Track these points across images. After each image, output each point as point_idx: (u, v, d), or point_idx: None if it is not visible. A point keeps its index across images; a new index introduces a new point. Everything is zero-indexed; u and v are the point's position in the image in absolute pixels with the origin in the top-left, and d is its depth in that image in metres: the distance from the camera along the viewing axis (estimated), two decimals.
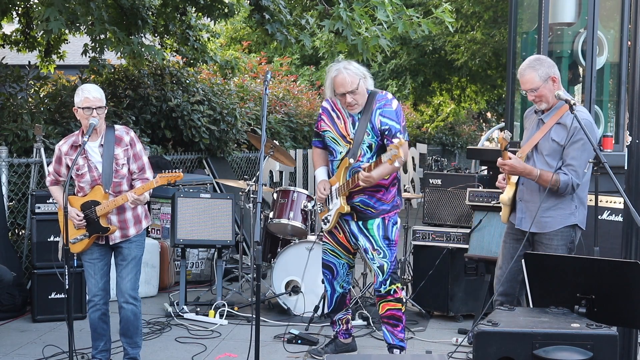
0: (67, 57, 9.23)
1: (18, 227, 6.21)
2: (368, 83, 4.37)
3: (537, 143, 4.05)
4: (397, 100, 4.42)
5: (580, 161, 3.91)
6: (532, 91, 4.01)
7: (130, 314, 4.22)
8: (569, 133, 3.91)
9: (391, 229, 4.43)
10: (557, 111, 4.02)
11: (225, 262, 6.52)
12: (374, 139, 4.34)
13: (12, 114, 6.49)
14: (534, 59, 4.09)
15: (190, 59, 8.63)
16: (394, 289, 4.43)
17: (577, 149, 3.91)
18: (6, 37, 8.72)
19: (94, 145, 4.16)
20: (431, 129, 19.83)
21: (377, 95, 4.38)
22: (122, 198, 4.08)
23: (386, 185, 4.41)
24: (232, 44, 18.60)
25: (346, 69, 4.30)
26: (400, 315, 4.46)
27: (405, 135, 4.34)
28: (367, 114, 4.35)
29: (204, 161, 8.55)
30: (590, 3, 5.36)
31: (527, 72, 4.01)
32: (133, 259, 4.23)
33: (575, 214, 4.02)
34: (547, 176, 3.92)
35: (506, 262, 4.22)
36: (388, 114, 4.31)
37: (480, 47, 15.04)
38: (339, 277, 4.65)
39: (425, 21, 7.17)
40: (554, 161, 3.98)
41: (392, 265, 4.42)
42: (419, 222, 5.89)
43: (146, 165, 4.26)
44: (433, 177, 5.85)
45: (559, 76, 4.03)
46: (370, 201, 4.40)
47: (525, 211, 4.11)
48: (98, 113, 4.07)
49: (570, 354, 2.85)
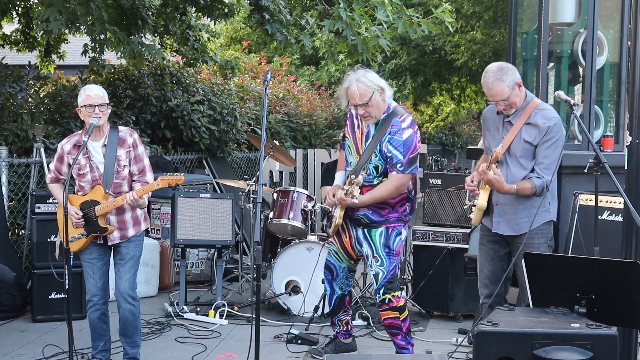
0: (67, 57, 9.23)
1: (18, 227, 6.21)
2: (386, 95, 4.26)
3: (509, 146, 4.05)
4: (412, 129, 4.23)
5: (552, 159, 3.96)
6: (502, 101, 4.02)
7: (129, 314, 4.22)
8: (540, 132, 3.96)
9: (394, 239, 4.34)
10: (523, 111, 4.05)
11: (225, 262, 6.52)
12: (380, 161, 4.26)
13: (12, 114, 6.49)
14: (497, 69, 4.03)
15: (190, 59, 8.63)
16: (389, 298, 4.33)
17: (548, 147, 3.97)
18: (6, 37, 8.72)
19: (97, 145, 4.17)
20: (431, 129, 19.83)
21: (393, 120, 4.23)
22: (121, 199, 4.08)
23: (392, 204, 4.32)
24: (232, 44, 18.60)
25: (358, 81, 4.20)
26: (398, 324, 4.37)
27: (409, 169, 4.22)
28: (379, 134, 4.25)
29: (204, 161, 8.55)
30: (590, 3, 5.35)
31: (496, 85, 3.99)
32: (131, 259, 4.22)
33: (550, 209, 4.09)
34: (524, 188, 3.96)
35: (487, 265, 4.23)
36: (396, 142, 4.19)
37: (480, 47, 15.04)
38: (338, 279, 4.63)
39: (425, 21, 7.16)
40: (527, 162, 4.02)
41: (388, 275, 4.32)
42: (419, 222, 5.89)
43: (147, 167, 4.25)
44: (433, 177, 5.85)
45: (520, 80, 4.05)
46: (374, 217, 4.33)
47: (502, 214, 4.12)
48: (100, 110, 4.07)
49: (570, 354, 2.84)
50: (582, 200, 4.69)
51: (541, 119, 3.99)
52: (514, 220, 4.07)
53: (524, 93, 4.10)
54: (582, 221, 4.65)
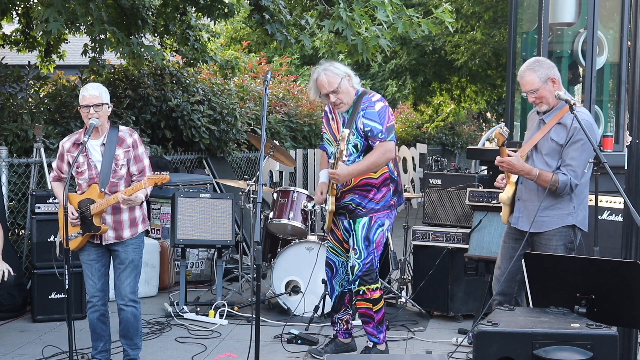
0: (67, 57, 9.23)
1: (18, 227, 6.21)
2: (354, 82, 4.47)
3: (537, 143, 4.05)
4: (382, 102, 4.46)
5: (579, 161, 3.90)
6: (532, 92, 4.01)
7: (130, 315, 4.22)
8: (568, 133, 3.91)
9: (374, 231, 4.47)
10: (557, 112, 4.02)
11: (225, 262, 6.52)
12: (359, 139, 4.42)
13: (12, 114, 6.49)
14: (533, 60, 4.10)
15: (190, 59, 8.63)
16: (364, 290, 4.48)
17: (576, 149, 3.91)
18: (6, 37, 8.72)
19: (95, 144, 4.16)
20: (431, 129, 19.81)
21: (363, 97, 4.46)
22: (114, 197, 4.06)
23: (376, 185, 4.46)
24: (232, 44, 18.59)
25: (325, 70, 4.44)
26: (371, 314, 4.52)
27: (389, 136, 4.39)
28: (353, 115, 4.44)
29: (204, 161, 8.55)
30: (590, 3, 5.36)
31: (527, 74, 4.01)
32: (131, 263, 4.20)
33: (573, 214, 4.01)
34: (546, 176, 3.92)
35: (505, 262, 4.22)
36: (370, 115, 4.39)
37: (480, 47, 15.03)
38: (338, 275, 4.70)
39: (425, 21, 7.17)
40: (553, 161, 3.98)
41: (363, 268, 4.46)
42: (419, 222, 5.89)
43: (147, 168, 4.23)
44: (433, 177, 5.85)
45: (559, 77, 4.03)
46: (362, 201, 4.47)
47: (523, 210, 4.11)
48: (96, 110, 4.06)
49: (570, 354, 2.85)
50: None
51: (571, 120, 3.90)
52: (534, 217, 4.04)
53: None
54: None
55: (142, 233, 4.31)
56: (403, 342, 5.07)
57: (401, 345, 5.02)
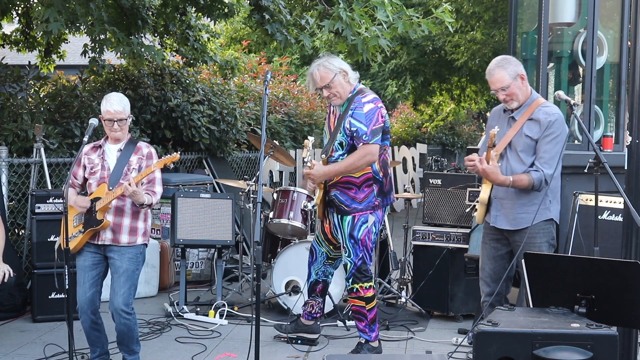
0: (67, 57, 9.23)
1: (18, 227, 6.21)
2: (349, 77, 4.51)
3: (510, 140, 4.08)
4: (373, 104, 4.45)
5: (552, 154, 3.97)
6: (502, 90, 4.05)
7: (124, 327, 4.16)
8: (541, 127, 3.97)
9: (358, 228, 4.50)
10: (527, 108, 4.08)
11: (225, 262, 6.52)
12: (344, 137, 4.47)
13: (12, 114, 6.49)
14: (501, 58, 4.12)
15: (190, 59, 8.63)
16: (357, 287, 4.55)
17: (548, 142, 3.98)
18: (6, 37, 8.71)
19: (113, 148, 4.25)
20: (431, 129, 19.83)
21: (356, 97, 4.49)
22: (120, 188, 4.04)
23: (357, 184, 4.49)
24: (232, 44, 18.59)
25: (320, 65, 4.50)
26: (363, 312, 4.57)
27: (373, 139, 4.39)
28: (345, 113, 4.49)
29: (204, 161, 8.55)
30: (590, 3, 5.35)
31: (497, 72, 4.04)
32: (125, 272, 4.13)
33: (550, 208, 4.08)
34: (520, 180, 3.96)
35: (489, 263, 4.24)
36: (358, 116, 4.42)
37: (480, 47, 15.03)
38: (316, 262, 4.82)
39: (425, 21, 7.16)
40: (527, 157, 4.03)
41: (355, 265, 4.52)
42: (419, 222, 5.89)
43: (157, 180, 4.24)
44: (433, 177, 5.85)
45: (525, 74, 4.08)
46: (343, 198, 4.53)
47: (500, 208, 4.13)
48: (120, 125, 4.16)
49: (570, 354, 2.85)
50: (582, 200, 4.69)
51: (543, 115, 4.01)
52: (512, 215, 4.07)
53: (528, 89, 4.12)
54: (582, 221, 4.65)
55: (142, 247, 4.24)
56: (403, 342, 5.08)
57: (401, 345, 5.02)
